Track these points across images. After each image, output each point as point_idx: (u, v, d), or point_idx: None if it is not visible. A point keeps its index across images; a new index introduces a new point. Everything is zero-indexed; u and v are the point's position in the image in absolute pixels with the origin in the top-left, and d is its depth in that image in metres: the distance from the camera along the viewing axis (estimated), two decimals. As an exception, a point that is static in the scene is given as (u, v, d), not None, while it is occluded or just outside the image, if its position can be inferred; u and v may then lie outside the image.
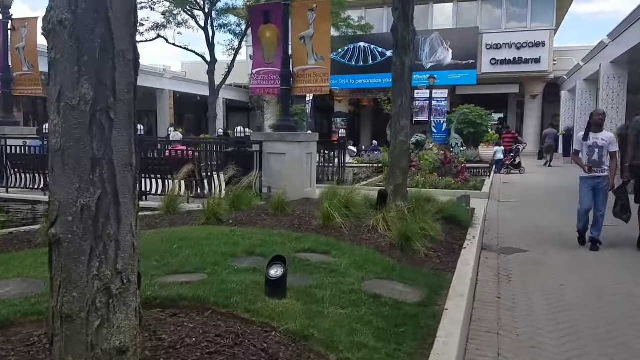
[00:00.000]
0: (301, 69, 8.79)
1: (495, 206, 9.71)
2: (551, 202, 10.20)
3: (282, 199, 6.08)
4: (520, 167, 16.60)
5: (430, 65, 28.47)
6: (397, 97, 7.17)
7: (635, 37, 12.53)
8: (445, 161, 12.45)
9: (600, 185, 6.58)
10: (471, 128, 25.14)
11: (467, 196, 7.22)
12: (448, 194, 10.92)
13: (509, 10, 27.28)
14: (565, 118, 24.51)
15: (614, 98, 15.04)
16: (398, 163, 7.19)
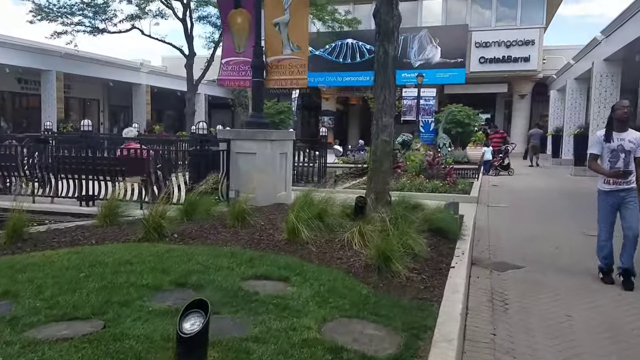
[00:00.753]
0: (275, 60, 7.95)
1: (485, 212, 8.98)
2: (543, 207, 9.49)
3: (243, 207, 5.23)
4: (509, 169, 15.96)
5: (419, 63, 27.80)
6: (379, 92, 6.36)
7: (631, 33, 11.90)
8: (432, 162, 11.70)
9: (629, 200, 5.02)
10: (459, 128, 24.54)
11: (456, 203, 6.45)
12: (435, 198, 10.16)
13: (498, 7, 26.71)
14: (554, 118, 23.99)
15: (606, 97, 14.43)
16: (380, 166, 6.40)
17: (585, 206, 9.25)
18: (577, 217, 8.31)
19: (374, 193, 6.38)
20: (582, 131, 15.06)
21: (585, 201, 9.85)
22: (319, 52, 29.55)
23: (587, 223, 7.65)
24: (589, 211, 8.93)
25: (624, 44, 12.46)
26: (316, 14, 19.81)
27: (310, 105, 34.33)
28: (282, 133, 8.01)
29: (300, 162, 11.15)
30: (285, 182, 8.05)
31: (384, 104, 6.28)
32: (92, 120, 27.20)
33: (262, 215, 6.00)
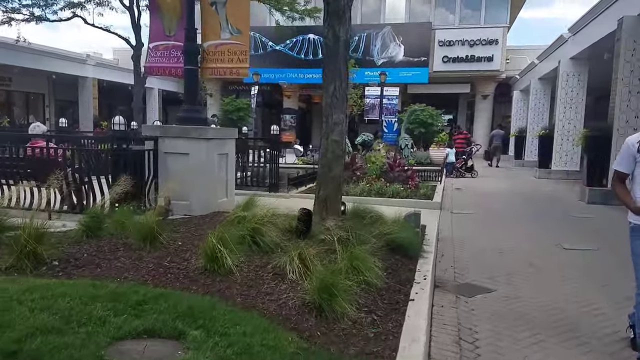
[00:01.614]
0: (213, 45, 6.90)
1: (449, 220, 8.20)
2: (511, 213, 8.81)
3: (153, 226, 4.15)
4: (472, 171, 15.39)
5: (382, 61, 27.14)
6: (329, 82, 5.42)
7: (599, 31, 11.45)
8: (393, 165, 10.88)
9: None
10: (422, 128, 23.91)
11: (417, 214, 5.58)
12: (396, 204, 9.33)
13: (462, 6, 26.33)
14: (517, 119, 23.79)
15: (573, 97, 14.05)
16: (329, 171, 5.45)
17: (556, 213, 8.64)
18: (549, 227, 7.64)
19: (323, 202, 5.43)
20: (547, 132, 14.65)
21: (555, 208, 9.27)
22: (280, 48, 28.51)
23: (562, 234, 6.98)
24: (560, 220, 8.38)
25: (592, 42, 12.03)
26: (274, 4, 18.68)
27: (271, 103, 33.20)
28: (220, 131, 6.95)
29: (248, 163, 10.10)
30: (226, 187, 7.00)
31: (334, 97, 5.34)
32: (37, 116, 24.94)
33: (188, 229, 4.97)
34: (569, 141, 14.20)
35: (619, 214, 9.15)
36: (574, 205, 9.50)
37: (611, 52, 12.05)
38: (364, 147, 12.18)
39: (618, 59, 9.28)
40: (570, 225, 7.67)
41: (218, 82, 31.46)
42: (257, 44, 28.94)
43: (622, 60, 9.18)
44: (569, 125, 14.15)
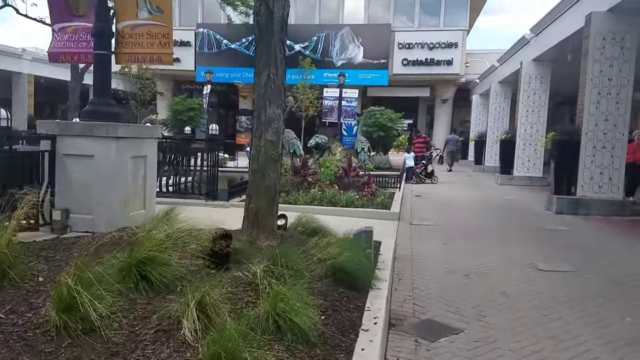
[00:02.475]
0: (129, 26, 5.70)
1: (408, 233, 7.28)
2: (476, 226, 7.99)
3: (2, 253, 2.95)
4: (433, 177, 14.67)
5: (341, 62, 26.32)
6: (261, 69, 4.38)
7: (563, 30, 10.91)
8: (349, 170, 9.91)
9: None
10: (381, 131, 23.23)
11: (369, 231, 4.57)
12: (350, 215, 8.33)
13: (421, 8, 25.89)
14: (476, 123, 23.47)
15: (535, 100, 13.55)
16: (262, 178, 4.40)
17: (524, 225, 7.88)
18: (519, 241, 6.83)
19: (254, 218, 4.36)
20: (509, 137, 14.12)
21: (522, 218, 8.52)
22: (235, 46, 27.22)
23: (534, 250, 6.16)
24: (531, 233, 7.44)
25: (555, 42, 11.51)
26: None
27: (227, 104, 31.81)
28: (135, 128, 5.73)
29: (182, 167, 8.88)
30: (143, 197, 5.79)
31: (268, 87, 4.28)
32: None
33: (69, 254, 3.77)
34: (531, 146, 13.70)
35: (591, 225, 8.31)
36: (542, 216, 8.81)
37: (575, 52, 11.56)
38: (318, 150, 11.16)
39: (586, 58, 8.68)
40: (542, 239, 6.90)
41: (170, 80, 29.85)
42: (211, 41, 27.58)
43: (591, 60, 8.58)
44: (532, 129, 13.65)
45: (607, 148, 8.65)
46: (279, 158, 4.46)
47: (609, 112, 8.60)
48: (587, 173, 8.73)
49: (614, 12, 8.30)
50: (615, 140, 8.59)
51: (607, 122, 8.63)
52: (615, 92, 8.54)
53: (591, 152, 8.71)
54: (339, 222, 7.89)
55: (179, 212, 4.95)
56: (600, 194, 8.71)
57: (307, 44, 26.35)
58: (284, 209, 8.81)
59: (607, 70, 8.53)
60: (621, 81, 8.50)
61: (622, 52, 8.44)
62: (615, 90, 8.54)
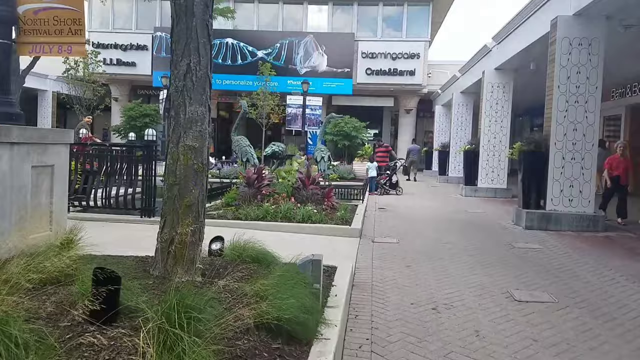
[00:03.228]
0: (31, 10, 4.74)
1: (369, 253, 6.51)
2: (441, 244, 7.31)
3: None
4: (397, 187, 14.06)
5: (305, 70, 25.71)
6: (180, 56, 3.53)
7: (525, 38, 10.54)
8: (307, 181, 9.10)
9: None
10: (346, 140, 22.70)
11: (317, 261, 3.74)
12: (306, 232, 7.52)
13: (384, 18, 25.61)
14: (440, 134, 23.21)
15: (498, 110, 13.19)
16: (180, 195, 3.52)
17: (494, 243, 7.23)
18: (491, 263, 6.17)
19: (168, 247, 3.47)
20: (472, 147, 13.69)
21: (491, 235, 7.90)
22: (194, 52, 26.10)
23: (508, 274, 5.49)
24: (502, 253, 6.66)
25: (518, 50, 11.13)
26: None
27: (185, 112, 30.51)
28: (37, 132, 4.73)
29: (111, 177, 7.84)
30: (49, 216, 4.78)
31: (188, 79, 3.43)
32: None
33: None
34: (494, 157, 13.30)
35: (564, 242, 7.53)
36: (511, 231, 8.24)
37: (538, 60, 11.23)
38: (275, 159, 10.32)
39: (553, 65, 8.23)
40: (515, 260, 6.26)
41: (126, 85, 28.42)
42: (169, 45, 26.35)
43: (558, 66, 8.14)
44: (495, 139, 13.27)
45: (576, 159, 8.19)
46: (204, 169, 3.60)
47: (578, 121, 8.15)
48: (556, 186, 8.24)
49: (581, 16, 7.90)
50: (585, 151, 8.14)
51: (575, 131, 8.18)
52: (583, 100, 8.11)
53: (560, 164, 8.23)
54: (293, 240, 7.08)
55: (87, 234, 4.04)
56: (571, 207, 8.23)
57: (270, 50, 25.59)
58: (231, 225, 7.95)
59: (574, 77, 8.10)
60: (589, 89, 8.08)
61: (590, 59, 8.03)
62: (584, 98, 8.11)
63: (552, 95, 8.30)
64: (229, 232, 7.22)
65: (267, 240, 7.07)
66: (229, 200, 8.77)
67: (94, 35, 27.30)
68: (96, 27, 27.43)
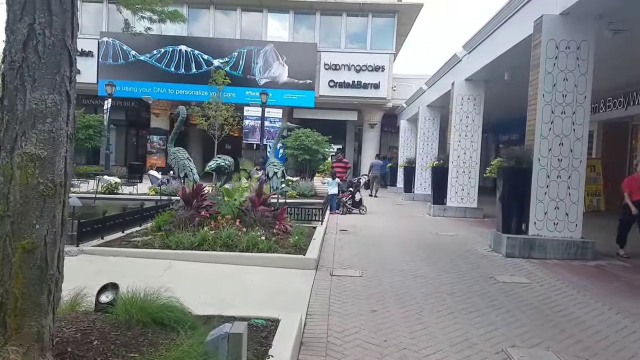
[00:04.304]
0: None
1: (326, 292, 5.25)
2: (412, 277, 6.15)
3: None
4: (361, 206, 12.92)
5: (265, 81, 24.49)
6: (17, 13, 2.14)
7: (498, 46, 9.72)
8: (257, 201, 7.78)
9: None
10: (307, 155, 21.51)
11: (236, 336, 2.45)
12: (250, 263, 6.17)
13: (348, 28, 24.80)
14: (405, 149, 22.39)
15: (468, 124, 12.32)
16: (17, 229, 2.12)
17: (475, 277, 6.08)
18: (472, 305, 5.03)
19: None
20: (441, 163, 12.75)
21: (470, 265, 6.74)
22: (145, 58, 24.49)
23: (496, 322, 4.33)
24: (484, 289, 5.52)
25: (492, 59, 10.29)
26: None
27: (138, 122, 28.66)
28: None
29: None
30: None
31: (31, 50, 2.09)
32: None
33: None
34: (465, 174, 12.39)
35: (554, 274, 6.29)
36: (491, 260, 7.17)
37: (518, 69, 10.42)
38: (220, 174, 8.96)
39: (537, 71, 7.32)
40: (504, 302, 5.15)
41: (71, 95, 26.32)
42: (117, 52, 24.67)
43: (543, 72, 7.23)
44: (465, 155, 12.37)
45: (562, 177, 7.25)
46: (57, 191, 2.26)
47: (564, 135, 7.24)
48: (540, 207, 7.27)
49: (569, 15, 7.03)
50: (572, 169, 7.21)
51: (562, 146, 7.26)
52: (570, 110, 7.22)
53: (544, 182, 7.27)
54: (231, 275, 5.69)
55: None
56: (556, 232, 7.26)
57: (227, 59, 24.23)
58: (157, 256, 6.38)
59: (560, 84, 7.21)
60: (577, 98, 7.20)
61: (578, 64, 7.17)
62: (571, 109, 7.22)
63: (535, 105, 7.37)
64: (153, 265, 5.79)
65: (196, 278, 5.73)
66: (160, 223, 7.35)
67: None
68: (39, 29, 25.39)
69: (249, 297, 4.89)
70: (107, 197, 13.96)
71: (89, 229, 6.62)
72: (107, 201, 13.16)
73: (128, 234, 7.55)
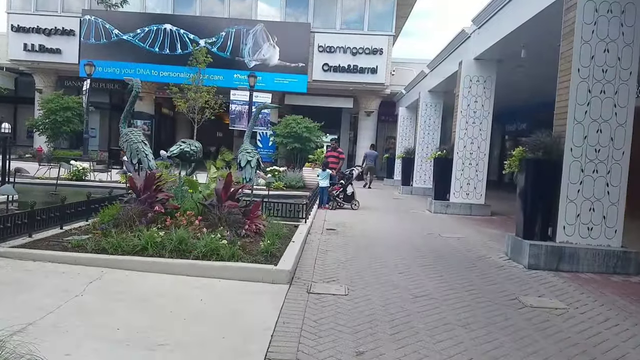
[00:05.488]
0: None
1: (297, 322, 3.88)
2: (417, 300, 4.79)
3: None
4: (353, 201, 11.54)
5: (254, 63, 22.96)
6: None
7: (521, 13, 8.29)
8: (224, 194, 6.37)
9: None
10: (297, 143, 20.08)
11: None
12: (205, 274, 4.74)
13: (344, 8, 23.22)
14: (403, 139, 20.98)
15: (477, 109, 10.90)
16: None
17: (491, 297, 4.62)
18: (494, 341, 3.69)
19: None
20: (445, 154, 11.37)
21: (481, 278, 5.30)
22: (128, 37, 22.89)
23: None
24: (508, 317, 4.04)
25: (507, 33, 8.88)
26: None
27: (121, 105, 27.00)
28: None
29: None
30: None
31: None
32: None
33: None
34: (471, 166, 11.02)
35: (597, 295, 4.83)
36: (510, 272, 5.81)
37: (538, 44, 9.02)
38: (184, 162, 7.53)
39: (570, 39, 5.91)
40: (540, 339, 3.79)
41: (51, 75, 24.75)
42: (99, 31, 23.06)
43: (579, 41, 5.81)
44: (472, 145, 10.99)
45: (600, 172, 5.88)
46: None
47: (604, 119, 5.86)
48: (571, 208, 5.90)
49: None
50: (613, 162, 5.85)
51: (600, 133, 5.88)
52: (611, 89, 5.83)
53: (577, 178, 5.90)
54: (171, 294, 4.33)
55: None
56: (590, 239, 5.90)
57: (214, 39, 22.64)
58: (88, 262, 4.50)
59: (600, 56, 5.81)
60: (620, 74, 5.81)
61: (622, 31, 5.77)
62: (612, 88, 5.83)
63: (567, 82, 5.97)
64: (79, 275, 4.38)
65: (127, 297, 4.37)
66: (104, 219, 5.94)
67: (13, 17, 23.63)
68: (16, 7, 23.75)
69: (187, 330, 3.51)
70: (73, 185, 12.57)
71: (10, 225, 5.23)
72: (71, 188, 11.79)
73: (68, 230, 6.14)
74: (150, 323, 3.58)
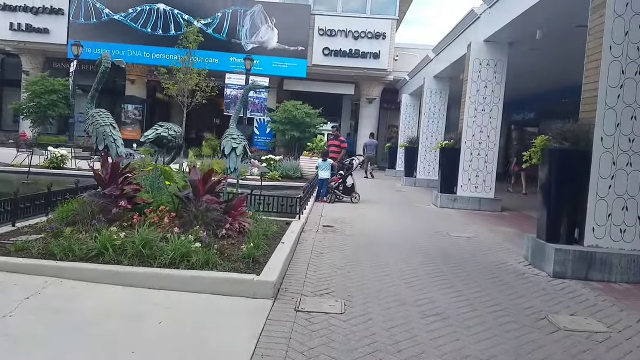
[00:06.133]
0: None
1: (277, 355, 3.06)
2: (428, 320, 4.01)
3: None
4: (353, 194, 10.72)
5: (252, 47, 22.04)
6: None
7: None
8: (202, 187, 5.55)
9: None
10: (296, 131, 19.28)
11: None
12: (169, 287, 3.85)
13: (346, -10, 22.23)
14: (407, 127, 20.10)
15: (487, 95, 10.02)
16: None
17: (512, 314, 3.83)
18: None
19: None
20: (452, 143, 10.52)
21: (500, 290, 4.39)
22: (119, 17, 21.93)
23: None
24: (533, 344, 3.20)
25: (520, 12, 7.99)
26: None
27: (111, 89, 26.07)
28: None
29: None
30: None
31: None
32: None
33: None
34: (480, 157, 10.19)
35: (633, 310, 3.97)
36: (535, 284, 4.98)
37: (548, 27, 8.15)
38: (162, 148, 6.70)
39: (601, 14, 5.05)
40: None
41: (39, 56, 23.78)
42: (89, 10, 22.10)
43: (611, 15, 4.98)
44: (482, 134, 10.14)
45: (634, 166, 5.06)
46: None
47: (639, 105, 5.03)
48: (601, 207, 5.09)
49: None
50: (653, 153, 5.02)
51: (635, 121, 5.05)
52: (653, 70, 4.98)
53: (609, 172, 5.08)
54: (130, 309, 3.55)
55: None
56: (623, 243, 5.10)
57: (210, 20, 21.66)
58: (31, 271, 3.34)
59: (636, 33, 4.94)
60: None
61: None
62: (654, 68, 4.98)
63: (598, 62, 5.12)
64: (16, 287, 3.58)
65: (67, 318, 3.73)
66: (62, 215, 5.14)
67: (-1, -5, 22.65)
68: (3, -16, 22.74)
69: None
70: (49, 173, 11.75)
71: None
72: (46, 177, 10.99)
73: (20, 228, 5.33)
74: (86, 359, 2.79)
